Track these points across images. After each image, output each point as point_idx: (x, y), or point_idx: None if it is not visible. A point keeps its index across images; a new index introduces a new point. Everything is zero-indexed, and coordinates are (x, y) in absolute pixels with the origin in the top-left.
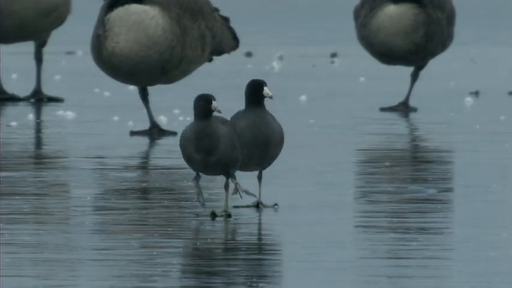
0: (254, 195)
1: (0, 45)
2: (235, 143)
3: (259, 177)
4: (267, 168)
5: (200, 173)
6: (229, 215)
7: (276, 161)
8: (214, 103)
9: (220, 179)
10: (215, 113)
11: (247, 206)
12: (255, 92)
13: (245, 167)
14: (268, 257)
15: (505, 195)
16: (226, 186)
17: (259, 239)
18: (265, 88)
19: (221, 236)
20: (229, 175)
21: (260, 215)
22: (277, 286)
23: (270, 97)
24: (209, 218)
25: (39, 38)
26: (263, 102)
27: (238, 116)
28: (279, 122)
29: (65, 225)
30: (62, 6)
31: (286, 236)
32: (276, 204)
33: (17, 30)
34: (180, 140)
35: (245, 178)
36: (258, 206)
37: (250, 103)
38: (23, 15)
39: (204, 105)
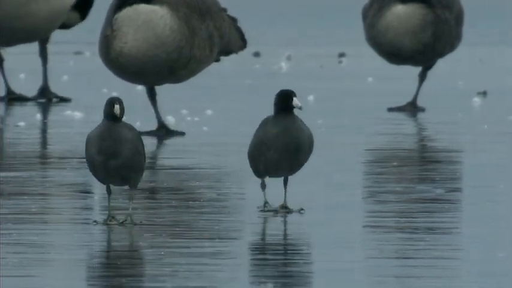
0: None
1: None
2: (139, 150)
3: (285, 182)
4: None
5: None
6: (122, 223)
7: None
8: (116, 106)
9: (225, 178)
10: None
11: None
12: (285, 101)
13: (275, 174)
14: (275, 257)
15: None
16: (130, 198)
17: (267, 240)
18: (294, 99)
19: (228, 236)
20: (131, 185)
21: (270, 216)
22: (285, 287)
23: (300, 108)
24: (214, 219)
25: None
26: (292, 111)
27: (266, 122)
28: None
29: (72, 225)
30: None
31: (294, 236)
32: (302, 209)
33: (28, 32)
34: (86, 143)
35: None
36: (284, 208)
37: (279, 111)
38: (36, 17)
39: (108, 109)
